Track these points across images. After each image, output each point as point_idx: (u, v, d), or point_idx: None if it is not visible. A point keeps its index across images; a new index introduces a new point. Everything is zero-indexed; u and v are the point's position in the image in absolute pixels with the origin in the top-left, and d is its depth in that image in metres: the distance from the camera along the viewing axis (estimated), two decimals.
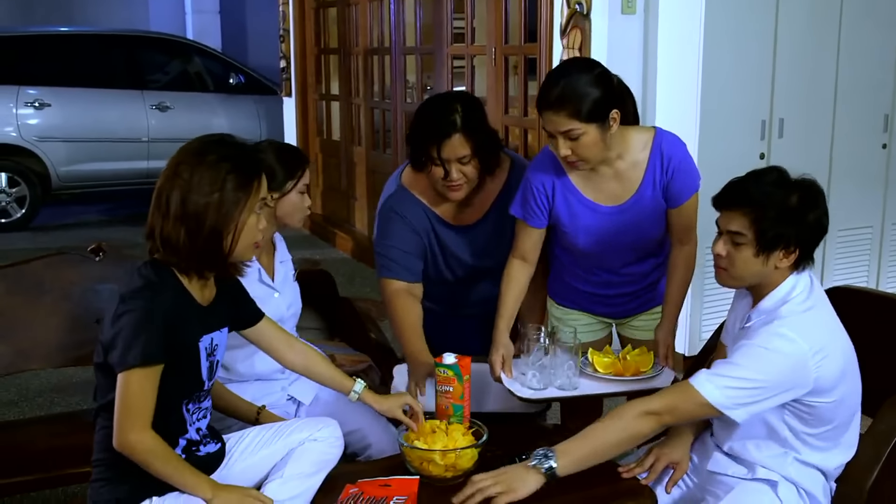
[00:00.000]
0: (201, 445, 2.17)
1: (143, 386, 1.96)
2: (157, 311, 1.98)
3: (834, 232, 4.71)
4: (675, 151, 2.60)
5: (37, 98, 8.34)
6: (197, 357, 2.10)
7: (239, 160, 2.07)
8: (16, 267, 3.04)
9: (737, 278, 2.19)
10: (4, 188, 8.35)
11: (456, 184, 2.69)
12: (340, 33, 7.81)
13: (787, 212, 2.09)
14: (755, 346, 2.09)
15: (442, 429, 2.31)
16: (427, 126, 2.69)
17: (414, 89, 6.88)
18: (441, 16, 6.05)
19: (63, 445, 2.65)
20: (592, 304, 2.84)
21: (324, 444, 2.25)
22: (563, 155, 2.47)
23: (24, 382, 4.48)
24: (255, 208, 2.08)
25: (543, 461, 2.09)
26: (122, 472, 2.04)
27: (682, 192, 2.61)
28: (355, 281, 6.49)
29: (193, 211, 2.01)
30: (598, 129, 2.43)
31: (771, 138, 4.39)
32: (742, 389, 2.07)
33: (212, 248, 2.04)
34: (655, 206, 2.62)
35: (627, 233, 2.65)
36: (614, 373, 2.57)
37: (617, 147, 2.55)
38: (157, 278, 2.04)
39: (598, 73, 2.46)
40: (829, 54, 4.52)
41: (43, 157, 8.40)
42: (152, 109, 8.72)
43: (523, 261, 2.72)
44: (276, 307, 2.69)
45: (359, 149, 7.63)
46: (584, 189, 2.63)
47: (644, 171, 2.59)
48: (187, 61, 9.39)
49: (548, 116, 2.44)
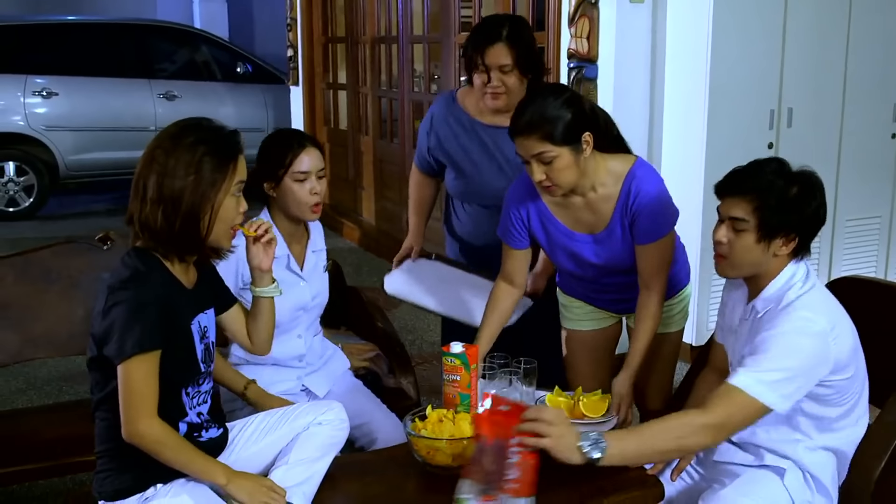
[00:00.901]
0: (203, 430, 2.18)
1: (145, 374, 1.97)
2: (148, 299, 1.98)
3: (842, 222, 4.73)
4: (645, 189, 2.53)
5: (44, 87, 8.34)
6: (191, 340, 2.11)
7: (215, 142, 2.07)
8: (24, 256, 3.05)
9: (736, 266, 2.20)
10: (12, 177, 8.37)
11: (495, 91, 2.93)
12: (348, 22, 7.80)
13: (788, 200, 2.12)
14: (782, 334, 2.09)
15: (449, 418, 2.31)
16: (476, 34, 2.99)
17: (421, 78, 6.87)
18: (448, 4, 6.03)
19: (71, 434, 2.66)
20: (592, 300, 2.84)
21: (329, 427, 2.26)
22: (537, 180, 2.46)
23: (32, 371, 4.49)
24: (232, 190, 2.08)
25: (592, 449, 2.04)
26: (125, 462, 2.05)
27: (645, 233, 2.54)
28: (363, 270, 6.49)
29: (169, 194, 2.01)
30: (571, 153, 2.42)
31: (780, 128, 4.38)
32: (786, 381, 2.07)
33: (189, 230, 2.04)
34: (628, 241, 2.59)
35: (606, 260, 2.64)
36: None
37: (591, 176, 2.52)
38: (144, 266, 2.04)
39: (567, 96, 2.45)
40: (839, 44, 4.50)
41: (51, 146, 8.42)
42: (160, 98, 8.73)
43: (510, 284, 2.76)
44: (299, 295, 2.70)
45: (366, 138, 7.62)
46: (559, 215, 2.64)
47: (614, 206, 2.56)
48: (195, 50, 9.39)
49: (520, 142, 2.44)
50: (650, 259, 2.57)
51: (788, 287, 2.17)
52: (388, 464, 2.34)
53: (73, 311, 3.00)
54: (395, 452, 2.41)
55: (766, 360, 2.08)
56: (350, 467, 2.32)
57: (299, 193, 2.60)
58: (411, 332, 5.20)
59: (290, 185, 2.60)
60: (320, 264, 2.81)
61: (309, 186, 2.61)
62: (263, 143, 2.68)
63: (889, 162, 4.82)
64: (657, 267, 2.57)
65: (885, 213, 4.88)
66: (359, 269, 6.56)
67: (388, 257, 6.84)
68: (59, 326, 3.00)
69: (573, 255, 2.67)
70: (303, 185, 2.60)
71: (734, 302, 2.37)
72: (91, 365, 2.08)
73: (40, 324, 2.99)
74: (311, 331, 2.80)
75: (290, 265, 2.69)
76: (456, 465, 2.19)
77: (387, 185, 7.30)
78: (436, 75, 6.59)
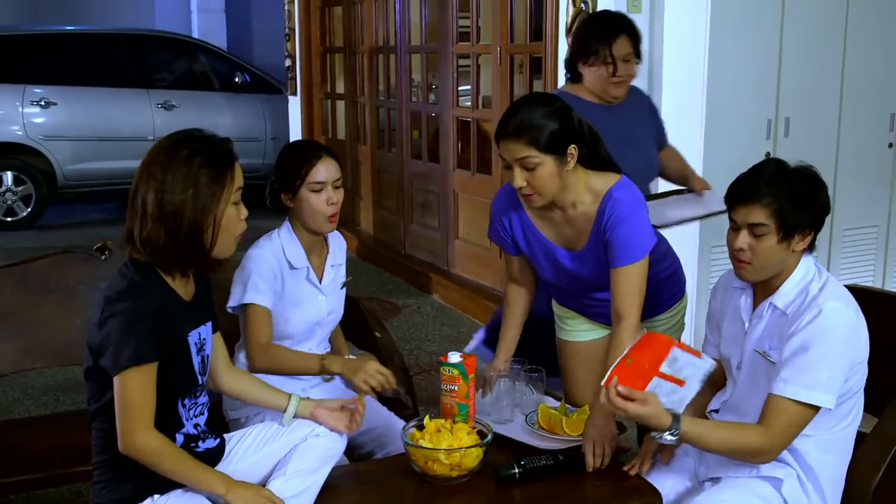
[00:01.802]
0: (200, 441, 2.18)
1: (141, 386, 1.97)
2: (145, 311, 1.98)
3: (840, 231, 4.74)
4: (619, 210, 2.48)
5: (43, 97, 8.35)
6: (188, 353, 2.11)
7: (210, 153, 2.07)
8: (22, 265, 3.04)
9: (760, 269, 2.23)
10: (10, 187, 8.36)
11: (622, 79, 3.22)
12: (346, 32, 7.81)
13: (799, 197, 2.18)
14: (819, 330, 2.11)
15: (447, 428, 2.31)
16: (600, 29, 3.25)
17: (419, 88, 6.88)
18: (446, 14, 6.05)
19: (68, 444, 2.65)
20: (584, 312, 2.83)
21: (326, 438, 2.26)
22: (518, 185, 2.44)
23: (29, 381, 4.49)
24: (232, 199, 2.08)
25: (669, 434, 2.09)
26: (122, 473, 2.05)
27: (615, 256, 2.49)
28: (361, 280, 6.49)
29: (171, 209, 2.01)
30: (554, 162, 2.41)
31: (777, 137, 4.39)
32: (833, 377, 2.10)
33: (193, 243, 2.04)
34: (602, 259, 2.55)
35: (589, 276, 2.63)
36: (546, 427, 2.44)
37: (572, 191, 2.51)
38: (141, 278, 2.04)
39: (557, 106, 2.46)
40: (836, 53, 4.52)
41: (49, 156, 8.41)
42: (158, 108, 8.73)
43: (518, 284, 2.80)
44: (318, 309, 2.71)
45: (364, 148, 7.63)
46: (541, 227, 2.63)
47: (592, 224, 2.53)
48: (193, 60, 9.40)
49: (505, 145, 2.43)
50: (621, 285, 2.50)
51: (808, 281, 2.22)
52: (386, 474, 2.33)
53: (70, 321, 2.99)
54: (393, 462, 2.41)
55: (811, 361, 2.09)
56: (348, 477, 2.32)
57: (316, 204, 2.60)
58: (409, 342, 5.20)
59: (307, 196, 2.60)
60: (339, 279, 2.82)
61: (325, 196, 2.60)
62: (280, 154, 2.71)
63: (886, 171, 4.83)
64: (629, 294, 2.49)
65: (882, 221, 4.89)
66: (357, 279, 6.55)
67: (386, 267, 6.91)
68: (56, 336, 2.99)
69: (557, 267, 2.67)
70: (319, 195, 2.60)
71: (733, 311, 2.37)
72: (87, 375, 2.08)
73: (38, 334, 2.98)
74: (322, 345, 2.80)
75: (310, 276, 2.70)
76: (454, 474, 2.20)
77: (384, 194, 7.31)
78: (433, 85, 6.60)
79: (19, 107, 8.28)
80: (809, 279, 2.22)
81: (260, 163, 9.03)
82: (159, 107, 8.73)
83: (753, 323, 2.30)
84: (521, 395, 2.61)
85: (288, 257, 2.65)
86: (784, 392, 2.10)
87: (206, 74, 9.39)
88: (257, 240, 2.68)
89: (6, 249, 7.30)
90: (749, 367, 2.28)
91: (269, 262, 2.60)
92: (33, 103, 8.33)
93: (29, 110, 8.32)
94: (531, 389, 2.63)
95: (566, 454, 2.29)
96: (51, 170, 8.45)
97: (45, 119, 8.37)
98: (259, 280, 2.58)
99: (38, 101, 8.34)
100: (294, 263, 2.66)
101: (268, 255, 2.61)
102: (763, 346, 2.24)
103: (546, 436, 2.41)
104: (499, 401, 2.55)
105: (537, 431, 2.43)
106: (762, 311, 2.28)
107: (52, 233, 8.27)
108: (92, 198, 9.36)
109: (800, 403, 2.09)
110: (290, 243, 2.67)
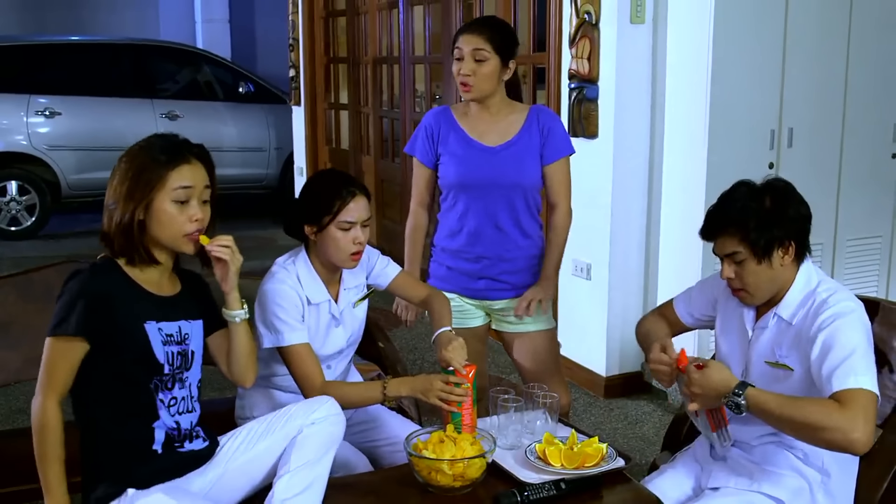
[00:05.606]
0: (186, 441, 2.20)
1: (59, 355, 2.13)
2: (86, 289, 2.08)
3: (843, 241, 4.73)
4: (549, 112, 3.08)
5: (47, 107, 8.38)
6: (145, 340, 2.14)
7: (158, 149, 2.17)
8: (26, 275, 3.05)
9: (756, 293, 2.25)
10: (14, 196, 8.39)
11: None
12: (349, 42, 7.83)
13: (766, 215, 2.18)
14: (841, 323, 2.12)
15: (451, 438, 2.31)
16: None
17: (423, 98, 6.89)
18: (450, 25, 6.05)
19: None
20: (462, 287, 3.09)
21: (323, 424, 2.23)
22: (464, 72, 2.88)
23: (33, 390, 4.45)
24: (171, 196, 2.14)
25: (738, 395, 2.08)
26: (96, 474, 2.15)
27: (556, 149, 2.98)
28: None
29: (113, 199, 2.15)
30: (499, 64, 2.91)
31: (780, 148, 4.38)
32: (870, 362, 2.09)
33: (127, 232, 2.13)
34: (530, 152, 2.96)
35: (504, 171, 2.95)
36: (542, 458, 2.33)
37: (500, 101, 2.99)
38: (101, 268, 2.16)
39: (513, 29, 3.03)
40: (839, 63, 4.51)
41: (53, 166, 8.45)
42: (162, 118, 8.75)
43: (424, 209, 3.20)
44: (335, 340, 2.63)
45: (367, 158, 7.64)
46: (469, 130, 3.00)
47: (522, 124, 2.98)
48: (197, 70, 9.43)
49: (465, 37, 2.90)
50: (557, 177, 3.00)
51: (811, 288, 2.23)
52: (389, 484, 2.33)
53: None
54: (396, 473, 2.40)
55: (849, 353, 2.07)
56: (351, 488, 2.31)
57: (342, 242, 2.49)
58: (413, 352, 5.20)
59: (334, 233, 2.48)
60: (351, 301, 2.69)
61: (353, 235, 2.49)
62: (310, 183, 2.59)
63: (889, 181, 4.82)
64: (564, 184, 3.03)
65: (885, 232, 4.88)
66: None
67: None
68: None
69: (474, 165, 2.95)
70: (347, 233, 2.48)
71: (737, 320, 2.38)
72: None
73: (41, 343, 2.97)
74: (341, 364, 2.72)
75: (332, 310, 2.60)
76: (457, 485, 2.19)
77: (388, 204, 7.31)
78: (437, 95, 6.61)
79: (24, 116, 8.31)
80: (813, 286, 2.23)
81: (263, 173, 9.05)
82: (163, 117, 8.76)
83: (756, 333, 2.30)
84: (533, 422, 2.49)
85: (306, 292, 2.54)
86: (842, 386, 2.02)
87: (210, 84, 9.42)
88: (270, 270, 2.56)
89: (10, 259, 7.32)
90: (758, 378, 2.25)
91: (292, 297, 2.49)
92: (38, 113, 8.36)
93: (33, 120, 8.35)
94: (547, 417, 2.52)
95: (569, 483, 2.22)
96: (55, 179, 8.48)
97: (49, 129, 8.40)
98: (288, 318, 2.47)
99: (43, 110, 8.37)
100: (312, 299, 2.56)
101: (288, 290, 2.49)
102: (773, 357, 2.24)
103: (540, 467, 2.30)
104: (505, 427, 2.48)
105: (533, 461, 2.32)
106: (766, 321, 2.28)
107: (56, 242, 8.29)
108: (96, 207, 9.26)
109: (866, 392, 2.01)
110: (309, 278, 2.56)
